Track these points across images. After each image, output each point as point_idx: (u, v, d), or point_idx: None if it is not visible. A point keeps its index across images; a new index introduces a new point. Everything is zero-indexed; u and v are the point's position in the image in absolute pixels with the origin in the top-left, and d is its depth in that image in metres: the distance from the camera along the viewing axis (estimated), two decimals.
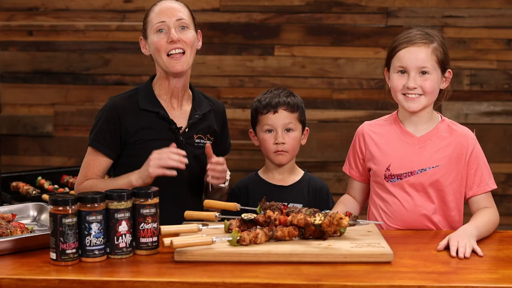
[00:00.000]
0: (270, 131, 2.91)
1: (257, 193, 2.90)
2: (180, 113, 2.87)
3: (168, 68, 2.79)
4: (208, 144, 2.81)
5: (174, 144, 2.70)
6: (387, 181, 2.66)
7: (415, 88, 2.58)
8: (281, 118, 2.90)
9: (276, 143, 2.90)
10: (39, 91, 4.84)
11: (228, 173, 2.85)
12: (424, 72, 2.58)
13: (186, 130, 2.85)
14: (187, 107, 2.91)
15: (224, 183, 2.81)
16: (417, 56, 2.58)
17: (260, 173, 3.03)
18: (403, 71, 2.61)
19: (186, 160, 2.65)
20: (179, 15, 2.80)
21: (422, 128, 2.66)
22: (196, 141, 2.86)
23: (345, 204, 2.80)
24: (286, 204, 2.48)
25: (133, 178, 2.66)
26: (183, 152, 2.66)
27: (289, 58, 4.76)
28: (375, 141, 2.72)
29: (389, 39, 4.57)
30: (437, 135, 2.65)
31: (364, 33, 4.75)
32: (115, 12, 4.77)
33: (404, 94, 2.61)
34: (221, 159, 2.76)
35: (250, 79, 4.78)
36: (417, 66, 2.58)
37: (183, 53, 2.79)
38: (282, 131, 2.90)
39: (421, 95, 2.59)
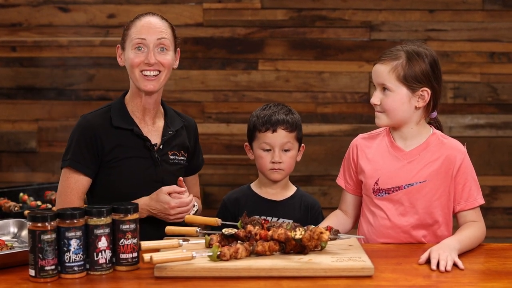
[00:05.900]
0: (267, 150, 2.89)
1: (248, 206, 2.88)
2: (153, 130, 2.84)
3: (139, 86, 2.76)
4: (180, 178, 2.78)
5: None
6: (375, 195, 2.65)
7: (376, 104, 2.58)
8: (279, 137, 2.88)
9: (273, 162, 2.88)
10: (23, 107, 4.81)
11: (196, 205, 2.83)
12: (385, 89, 2.58)
13: (161, 147, 2.82)
14: (160, 123, 2.88)
15: (190, 213, 2.75)
16: (377, 73, 2.59)
17: (253, 186, 3.00)
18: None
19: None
20: (160, 35, 2.74)
21: (412, 142, 2.64)
22: (171, 157, 2.84)
23: (337, 216, 2.80)
24: (267, 218, 2.46)
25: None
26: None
27: (273, 73, 4.76)
28: (367, 154, 2.71)
29: (373, 52, 4.67)
30: (426, 149, 2.63)
31: (347, 47, 4.76)
32: (98, 28, 4.76)
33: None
34: (187, 199, 2.73)
35: (234, 94, 4.77)
36: (377, 83, 2.59)
37: (158, 73, 2.76)
38: (279, 151, 2.88)
39: (382, 112, 2.59)
